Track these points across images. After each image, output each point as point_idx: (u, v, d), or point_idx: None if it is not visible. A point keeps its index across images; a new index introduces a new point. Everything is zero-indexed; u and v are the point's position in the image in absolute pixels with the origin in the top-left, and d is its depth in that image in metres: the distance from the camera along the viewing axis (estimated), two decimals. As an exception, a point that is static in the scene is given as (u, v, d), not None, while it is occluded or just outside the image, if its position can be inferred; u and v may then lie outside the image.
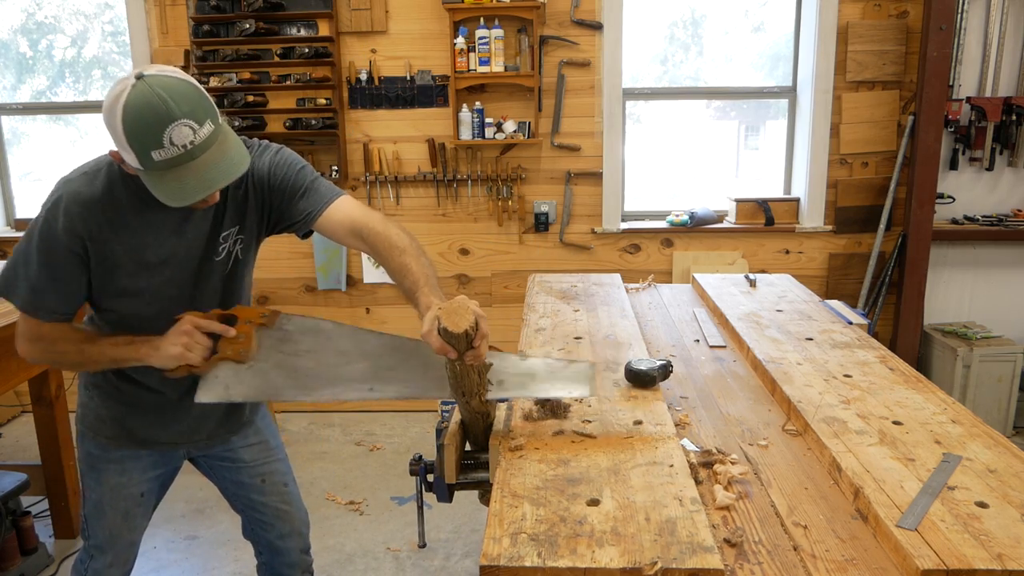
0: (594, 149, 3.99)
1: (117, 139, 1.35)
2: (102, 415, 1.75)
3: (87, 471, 1.79)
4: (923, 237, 3.80)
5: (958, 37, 3.75)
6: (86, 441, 1.78)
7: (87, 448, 1.78)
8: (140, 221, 1.53)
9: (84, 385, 1.78)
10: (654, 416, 1.54)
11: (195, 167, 1.35)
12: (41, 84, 4.42)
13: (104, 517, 1.80)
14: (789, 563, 1.11)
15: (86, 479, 1.80)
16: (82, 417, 1.78)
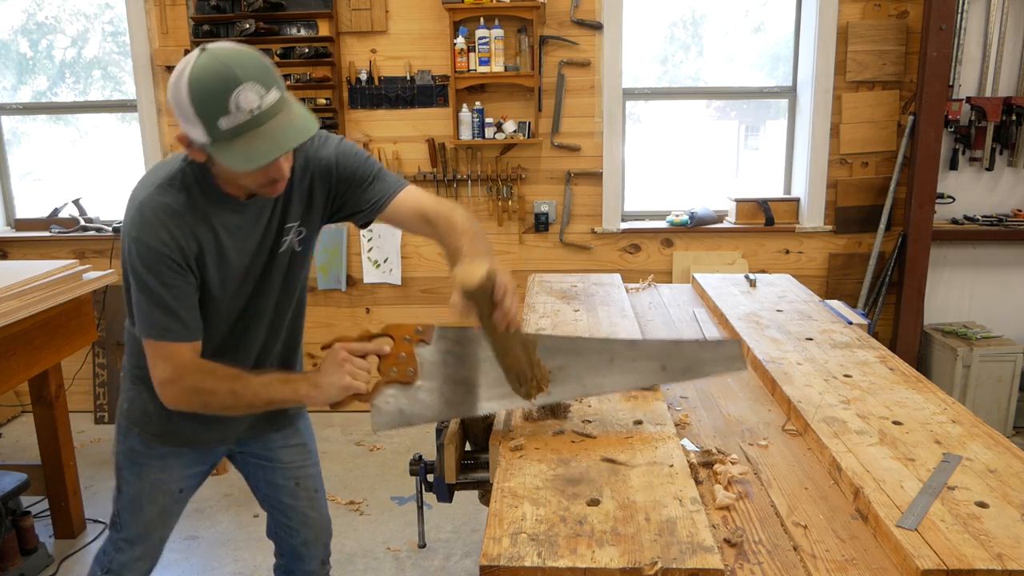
0: (594, 149, 3.99)
1: (184, 112, 1.32)
2: (149, 411, 1.69)
3: (127, 465, 1.76)
4: (923, 237, 3.80)
5: (958, 37, 3.75)
6: (130, 436, 1.74)
7: (130, 444, 1.74)
8: (220, 226, 1.49)
9: (131, 379, 1.73)
10: (654, 416, 1.54)
11: (263, 133, 1.33)
12: (41, 84, 4.42)
13: (141, 512, 1.77)
14: (789, 563, 1.11)
15: (124, 472, 1.76)
16: (127, 412, 1.74)
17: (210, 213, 1.48)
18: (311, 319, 4.26)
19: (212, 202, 1.48)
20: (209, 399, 1.48)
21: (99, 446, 3.94)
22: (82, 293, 2.82)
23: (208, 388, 1.47)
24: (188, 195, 1.47)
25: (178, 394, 1.49)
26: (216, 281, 1.53)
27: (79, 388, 4.26)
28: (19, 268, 2.75)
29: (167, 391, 1.48)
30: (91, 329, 2.98)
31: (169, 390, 1.48)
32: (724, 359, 1.55)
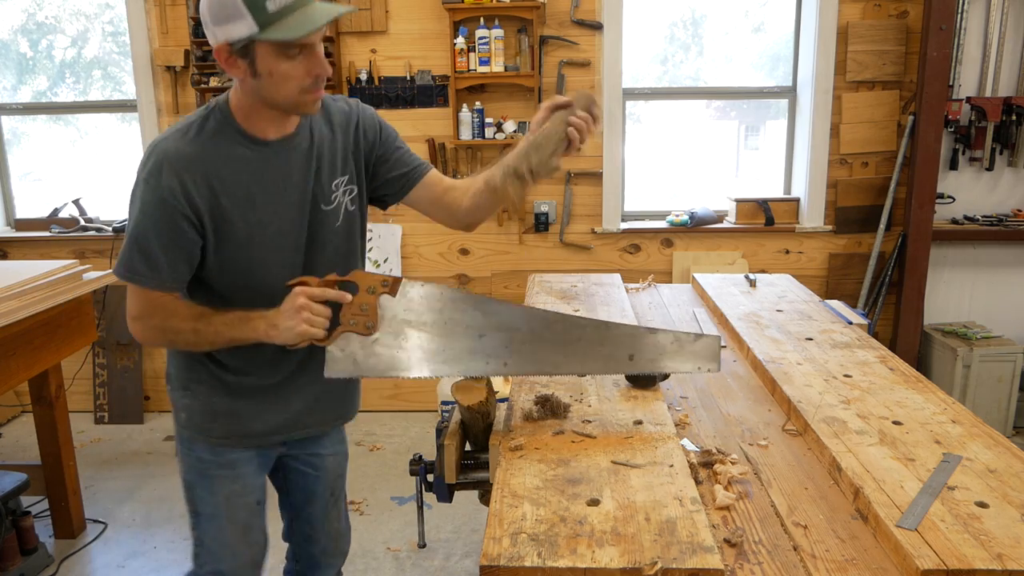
0: (594, 149, 3.99)
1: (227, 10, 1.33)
2: (211, 411, 1.63)
3: (197, 480, 1.66)
4: (923, 237, 3.80)
5: (958, 37, 3.75)
6: (196, 446, 1.65)
7: (197, 454, 1.65)
8: (243, 170, 1.47)
9: (183, 386, 1.65)
10: (654, 416, 1.54)
11: (307, 11, 1.36)
12: (41, 84, 4.42)
13: (223, 532, 1.68)
14: (789, 563, 1.11)
15: (196, 491, 1.66)
16: (187, 421, 1.65)
17: (234, 159, 1.46)
18: (311, 319, 4.26)
19: (237, 146, 1.47)
20: (174, 337, 1.52)
21: (99, 446, 3.94)
22: (82, 293, 2.82)
23: (172, 327, 1.50)
24: (210, 140, 1.45)
25: (145, 330, 1.52)
26: (243, 232, 1.48)
27: (79, 388, 4.26)
28: (19, 268, 2.75)
29: (134, 327, 1.52)
30: (91, 329, 2.98)
31: (136, 325, 1.52)
32: (698, 356, 1.50)
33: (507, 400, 1.65)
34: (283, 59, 1.38)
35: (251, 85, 1.42)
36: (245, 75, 1.41)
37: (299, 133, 1.54)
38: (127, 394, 4.24)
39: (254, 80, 1.41)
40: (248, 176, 1.48)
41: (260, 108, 1.47)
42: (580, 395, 1.66)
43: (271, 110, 1.47)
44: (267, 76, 1.39)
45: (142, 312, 1.50)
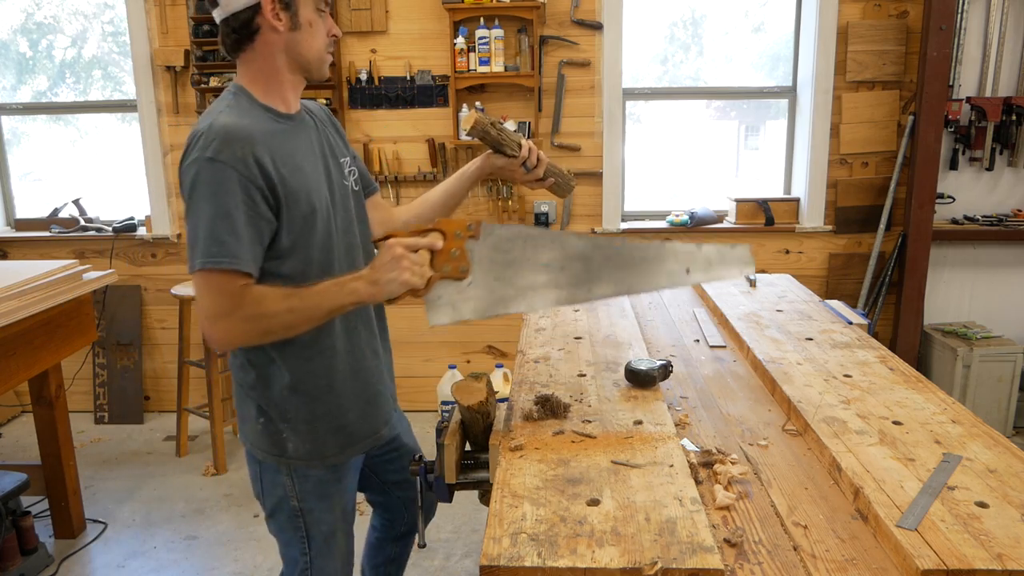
0: (594, 149, 3.99)
1: None
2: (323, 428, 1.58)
3: (316, 503, 1.61)
4: (923, 237, 3.80)
5: (958, 37, 3.75)
6: (311, 471, 1.59)
7: (316, 478, 1.60)
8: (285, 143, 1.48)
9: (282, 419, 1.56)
10: (654, 416, 1.54)
11: None
12: (41, 84, 4.42)
13: (336, 548, 1.66)
14: (789, 563, 1.11)
15: (315, 514, 1.61)
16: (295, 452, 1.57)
17: (275, 132, 1.47)
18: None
19: (269, 121, 1.48)
20: (268, 323, 1.40)
21: (99, 446, 3.94)
22: (82, 293, 2.82)
23: (265, 312, 1.38)
24: (249, 116, 1.45)
25: (231, 327, 1.38)
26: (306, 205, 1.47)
27: (79, 388, 4.26)
28: (19, 268, 2.75)
29: (218, 327, 1.38)
30: (91, 329, 2.98)
31: (221, 325, 1.38)
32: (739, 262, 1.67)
33: (507, 400, 1.65)
34: (316, 14, 1.48)
35: (286, 41, 1.46)
36: (285, 29, 1.45)
37: (302, 112, 1.58)
38: (127, 394, 4.24)
39: (292, 33, 1.46)
40: (291, 148, 1.49)
41: (282, 76, 1.50)
42: (580, 395, 1.66)
43: (292, 75, 1.51)
44: (306, 27, 1.47)
45: (229, 306, 1.37)
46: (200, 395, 3.99)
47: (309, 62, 1.50)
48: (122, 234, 4.15)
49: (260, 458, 1.60)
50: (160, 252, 4.20)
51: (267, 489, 1.62)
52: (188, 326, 3.77)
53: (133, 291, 4.22)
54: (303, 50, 1.48)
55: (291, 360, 1.53)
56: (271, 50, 1.47)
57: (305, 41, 1.48)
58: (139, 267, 4.22)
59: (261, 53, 1.47)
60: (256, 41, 1.46)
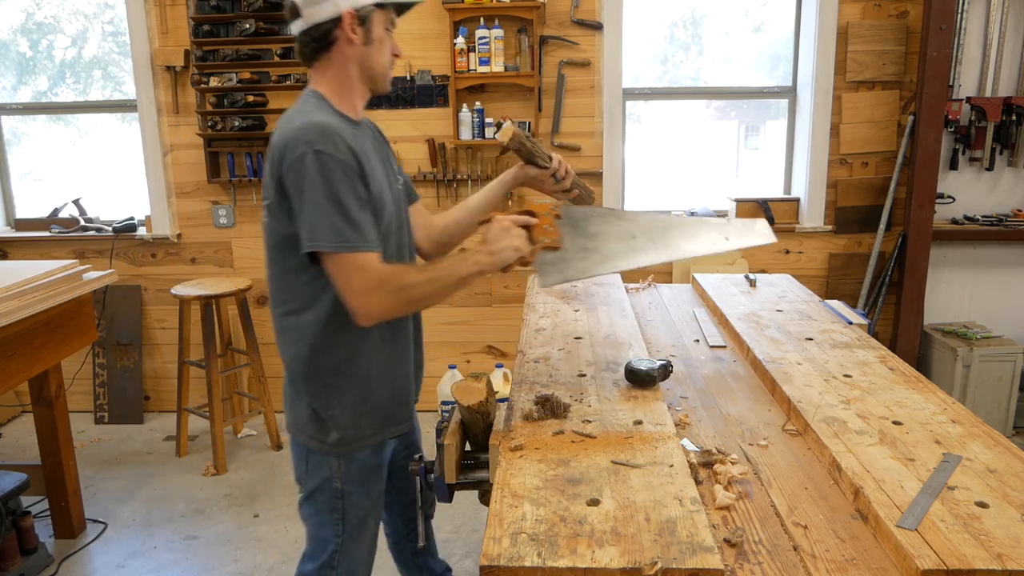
0: (594, 149, 3.99)
1: None
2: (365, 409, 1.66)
3: (357, 488, 1.69)
4: (923, 237, 3.80)
5: (958, 37, 3.75)
6: (357, 456, 1.67)
7: (360, 462, 1.68)
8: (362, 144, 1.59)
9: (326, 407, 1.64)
10: (654, 416, 1.54)
11: None
12: (42, 84, 4.42)
13: (366, 533, 1.73)
14: (789, 563, 1.11)
15: (352, 498, 1.69)
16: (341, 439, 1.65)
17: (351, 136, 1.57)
18: (311, 319, 4.25)
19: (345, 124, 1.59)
20: (411, 293, 1.53)
21: (99, 446, 3.95)
22: (82, 293, 2.82)
23: (410, 283, 1.52)
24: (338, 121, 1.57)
25: (383, 299, 1.50)
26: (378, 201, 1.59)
27: (79, 388, 4.26)
28: (19, 268, 2.75)
29: (371, 300, 1.49)
30: (91, 329, 2.98)
31: (374, 298, 1.49)
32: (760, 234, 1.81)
33: (507, 400, 1.65)
34: (385, 32, 1.64)
35: (359, 54, 1.61)
36: (360, 42, 1.60)
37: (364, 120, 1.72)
38: (127, 394, 4.24)
39: (365, 47, 1.61)
40: (367, 150, 1.61)
41: (354, 85, 1.64)
42: (580, 395, 1.66)
43: (361, 86, 1.66)
44: (377, 43, 1.62)
45: (377, 281, 1.49)
46: (200, 395, 3.99)
47: (376, 75, 1.65)
48: (122, 234, 4.15)
49: (306, 444, 1.68)
50: (160, 252, 4.20)
51: (312, 470, 1.69)
52: (188, 326, 3.77)
53: (133, 291, 4.22)
54: (373, 63, 1.63)
55: (340, 347, 1.62)
56: (345, 61, 1.61)
57: (375, 55, 1.63)
58: (139, 267, 4.22)
59: (336, 63, 1.61)
60: (332, 51, 1.60)
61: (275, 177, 1.51)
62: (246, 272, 4.17)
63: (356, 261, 1.48)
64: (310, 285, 1.58)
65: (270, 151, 1.53)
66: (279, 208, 1.53)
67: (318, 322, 1.59)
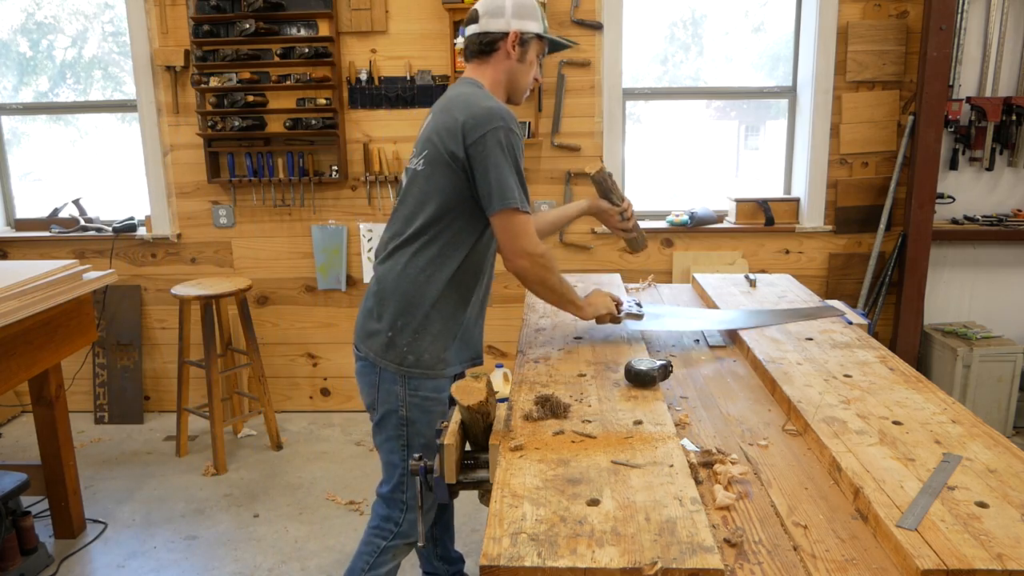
0: (594, 149, 3.99)
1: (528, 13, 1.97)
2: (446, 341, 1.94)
3: (419, 417, 1.93)
4: (923, 237, 3.80)
5: (958, 37, 3.75)
6: (424, 386, 1.92)
7: (423, 393, 1.93)
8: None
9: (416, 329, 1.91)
10: (654, 416, 1.54)
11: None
12: (42, 85, 4.42)
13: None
14: (789, 563, 1.11)
15: (416, 426, 1.93)
16: (416, 362, 1.91)
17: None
18: (311, 319, 4.27)
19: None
20: (549, 278, 1.93)
21: (99, 446, 3.95)
22: (82, 293, 2.82)
23: (551, 267, 1.92)
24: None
25: (534, 264, 1.88)
26: None
27: (79, 388, 4.27)
28: (19, 268, 2.75)
29: (528, 256, 1.86)
30: (91, 329, 2.98)
31: (527, 261, 1.87)
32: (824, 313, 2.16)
33: (507, 400, 1.65)
34: (536, 58, 2.01)
35: (511, 68, 1.99)
36: (513, 58, 1.97)
37: None
38: (127, 394, 4.24)
39: (518, 64, 1.98)
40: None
41: (500, 89, 2.00)
42: (580, 395, 1.66)
43: (503, 91, 2.01)
44: (528, 64, 2.00)
45: (539, 248, 1.87)
46: (200, 395, 3.99)
47: (517, 88, 2.03)
48: (122, 234, 4.15)
49: (382, 366, 1.93)
50: (160, 252, 4.20)
51: (382, 397, 1.95)
52: (188, 326, 3.77)
53: (133, 291, 4.22)
54: (519, 78, 2.01)
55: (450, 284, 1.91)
56: (500, 68, 1.99)
57: (522, 72, 2.00)
58: (139, 267, 4.22)
59: (493, 66, 2.00)
60: (492, 57, 2.00)
61: (460, 141, 1.82)
62: (246, 272, 4.17)
63: (525, 220, 1.83)
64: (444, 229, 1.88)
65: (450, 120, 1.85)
66: (451, 164, 1.84)
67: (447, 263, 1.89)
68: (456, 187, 1.86)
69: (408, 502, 1.98)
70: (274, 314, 4.20)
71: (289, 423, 4.14)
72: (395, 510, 2.00)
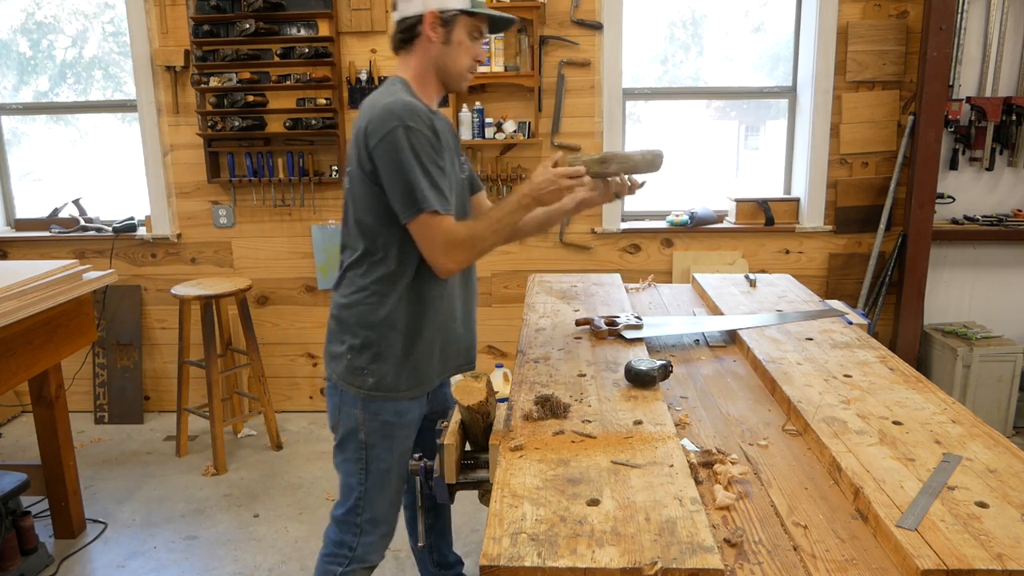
0: (594, 149, 3.99)
1: None
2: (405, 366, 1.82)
3: (379, 441, 1.84)
4: (923, 237, 3.80)
5: (958, 37, 3.75)
6: (384, 409, 1.83)
7: (383, 418, 1.83)
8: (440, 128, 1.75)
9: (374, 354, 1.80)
10: (654, 416, 1.54)
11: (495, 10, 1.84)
12: (42, 85, 4.42)
13: (388, 486, 1.86)
14: (789, 563, 1.11)
15: (375, 450, 1.84)
16: (376, 385, 1.82)
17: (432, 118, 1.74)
18: (311, 319, 4.27)
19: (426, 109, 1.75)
20: (483, 244, 1.75)
21: (99, 446, 3.94)
22: (82, 293, 2.82)
23: (480, 235, 1.74)
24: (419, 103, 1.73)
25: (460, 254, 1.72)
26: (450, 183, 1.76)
27: (79, 388, 4.26)
28: (19, 268, 2.75)
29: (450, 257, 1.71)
30: (91, 329, 2.98)
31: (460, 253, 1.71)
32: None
33: (507, 400, 1.65)
34: (469, 37, 1.78)
35: (437, 51, 1.78)
36: (438, 41, 1.76)
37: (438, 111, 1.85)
38: (127, 394, 4.24)
39: (443, 47, 1.77)
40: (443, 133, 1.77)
41: (430, 78, 1.81)
42: (580, 395, 1.66)
43: (437, 81, 1.82)
44: (456, 45, 1.77)
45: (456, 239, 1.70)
46: (200, 395, 3.99)
47: (450, 74, 1.81)
48: (122, 234, 4.15)
49: (343, 388, 1.84)
50: (160, 252, 4.20)
51: (343, 420, 1.86)
52: (188, 326, 3.77)
53: (133, 291, 4.22)
54: (448, 62, 1.79)
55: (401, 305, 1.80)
56: (425, 56, 1.79)
57: (452, 55, 1.78)
58: (139, 267, 4.22)
59: (417, 55, 1.79)
60: (415, 45, 1.79)
61: (364, 149, 1.69)
62: (246, 272, 4.17)
63: (440, 223, 1.68)
64: (386, 244, 1.76)
65: (357, 127, 1.72)
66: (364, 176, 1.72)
67: (388, 278, 1.77)
68: (381, 199, 1.72)
69: (363, 525, 1.88)
70: (274, 314, 4.20)
71: (289, 423, 4.14)
72: (348, 534, 1.91)
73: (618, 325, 2.08)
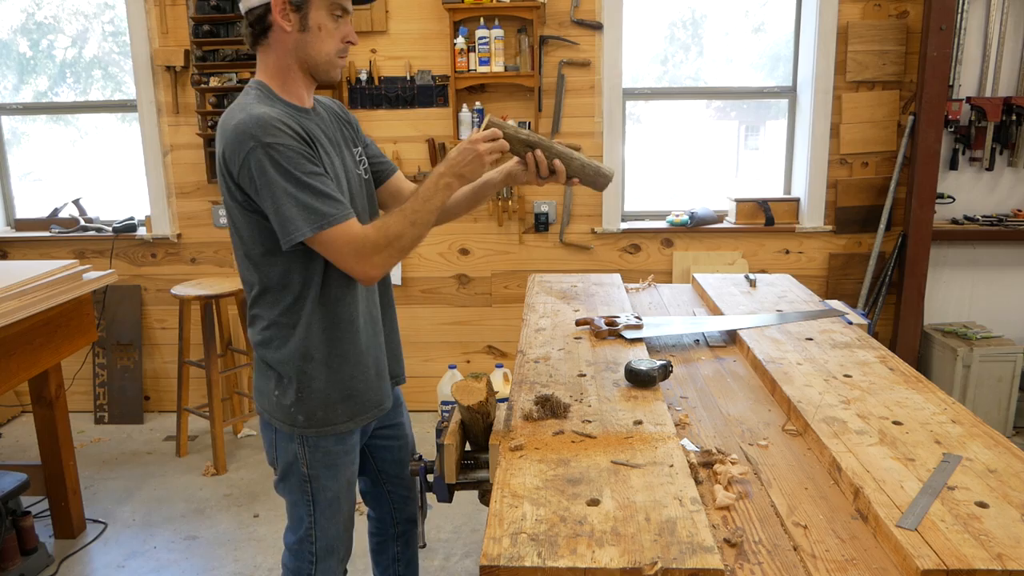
0: (594, 149, 3.99)
1: None
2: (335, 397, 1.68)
3: (323, 471, 1.72)
4: (923, 237, 3.80)
5: (958, 37, 3.75)
6: (323, 441, 1.70)
7: (324, 448, 1.71)
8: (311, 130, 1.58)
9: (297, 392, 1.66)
10: (654, 416, 1.54)
11: None
12: (42, 85, 4.42)
13: (339, 513, 1.79)
14: (789, 563, 1.11)
15: (320, 481, 1.73)
16: (307, 421, 1.68)
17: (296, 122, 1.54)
18: (311, 319, 4.25)
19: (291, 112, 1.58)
20: (403, 241, 1.55)
21: (99, 446, 3.94)
22: (82, 293, 2.82)
23: (396, 233, 1.54)
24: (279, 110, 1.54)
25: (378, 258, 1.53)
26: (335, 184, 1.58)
27: (79, 388, 4.26)
28: (19, 268, 2.75)
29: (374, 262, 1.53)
30: (91, 329, 2.98)
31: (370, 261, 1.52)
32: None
33: (507, 400, 1.65)
34: (330, 19, 1.56)
35: (295, 41, 1.56)
36: (293, 29, 1.54)
37: (317, 108, 1.69)
38: (127, 394, 4.24)
39: (300, 35, 1.55)
40: (317, 135, 1.59)
41: (294, 72, 1.60)
42: (580, 395, 1.66)
43: (304, 74, 1.61)
44: (315, 31, 1.55)
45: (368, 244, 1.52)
46: (200, 395, 3.99)
47: (316, 64, 1.59)
48: (122, 234, 4.15)
49: (276, 426, 1.71)
50: (160, 252, 4.20)
51: (280, 455, 1.73)
52: (188, 326, 3.77)
53: (133, 291, 4.22)
54: (311, 51, 1.57)
55: (312, 332, 1.64)
56: (283, 48, 1.57)
57: (313, 43, 1.56)
58: (139, 267, 4.22)
59: (274, 50, 1.58)
60: (270, 38, 1.57)
61: (229, 179, 1.53)
62: (246, 272, 4.16)
63: (342, 233, 1.50)
64: (281, 273, 1.60)
65: (217, 155, 1.54)
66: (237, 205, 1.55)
67: (292, 308, 1.62)
68: (265, 226, 1.55)
69: (318, 553, 1.79)
70: (274, 314, 4.20)
71: (289, 423, 4.14)
72: (304, 562, 1.81)
73: (618, 325, 2.07)
